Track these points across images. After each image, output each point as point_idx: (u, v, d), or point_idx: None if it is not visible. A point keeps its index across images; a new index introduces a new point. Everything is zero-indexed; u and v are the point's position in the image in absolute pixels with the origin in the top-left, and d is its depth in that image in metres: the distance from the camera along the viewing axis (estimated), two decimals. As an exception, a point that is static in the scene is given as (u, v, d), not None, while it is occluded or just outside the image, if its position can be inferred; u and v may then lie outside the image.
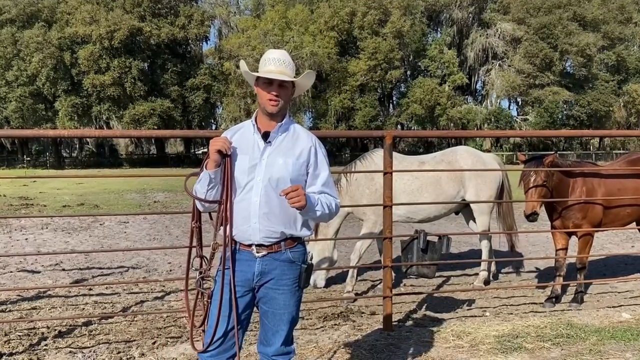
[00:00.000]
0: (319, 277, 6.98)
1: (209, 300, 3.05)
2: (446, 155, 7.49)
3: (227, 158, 2.98)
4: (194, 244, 3.15)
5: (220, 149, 2.94)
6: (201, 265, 3.09)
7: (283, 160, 3.03)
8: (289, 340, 3.15)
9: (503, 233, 7.69)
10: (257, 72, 3.08)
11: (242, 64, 3.18)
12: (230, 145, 3.00)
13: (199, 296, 3.10)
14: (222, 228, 3.03)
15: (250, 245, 3.03)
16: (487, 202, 7.31)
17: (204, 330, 3.11)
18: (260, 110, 3.12)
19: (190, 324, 3.12)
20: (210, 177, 2.96)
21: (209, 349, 3.02)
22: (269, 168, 3.00)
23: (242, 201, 3.01)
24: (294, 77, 3.09)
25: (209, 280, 3.12)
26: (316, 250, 6.94)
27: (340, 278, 7.70)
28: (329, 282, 7.42)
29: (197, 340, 3.12)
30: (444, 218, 7.86)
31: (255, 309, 3.19)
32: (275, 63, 3.04)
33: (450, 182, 7.15)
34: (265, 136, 3.06)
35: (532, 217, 6.05)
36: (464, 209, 7.63)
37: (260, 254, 3.03)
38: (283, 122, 3.10)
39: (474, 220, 7.61)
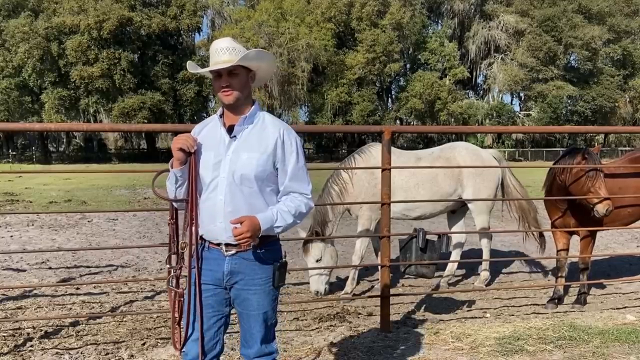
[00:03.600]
0: (319, 282, 6.74)
1: (182, 299, 3.05)
2: (444, 151, 7.46)
3: (191, 156, 2.96)
4: (172, 242, 3.16)
5: (182, 147, 2.92)
6: (177, 263, 3.09)
7: (247, 155, 2.96)
8: (268, 339, 3.11)
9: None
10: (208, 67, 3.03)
11: (191, 64, 3.14)
12: (195, 142, 2.97)
13: (175, 295, 3.10)
14: (189, 227, 3.03)
15: (219, 244, 3.01)
16: (484, 200, 7.29)
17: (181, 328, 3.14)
18: (221, 104, 3.09)
19: (172, 322, 3.13)
20: (176, 176, 2.97)
21: (186, 350, 3.03)
22: (232, 164, 2.96)
23: (208, 200, 3.00)
24: (238, 61, 2.94)
25: (184, 278, 3.13)
26: (316, 252, 6.80)
27: (336, 278, 7.70)
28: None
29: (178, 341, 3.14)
30: (443, 216, 7.86)
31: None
32: (220, 53, 2.96)
33: (447, 179, 7.14)
34: (230, 130, 3.03)
35: (609, 212, 6.01)
36: (460, 207, 7.62)
37: (229, 253, 3.00)
38: (248, 113, 3.03)
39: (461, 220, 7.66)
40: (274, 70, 3.35)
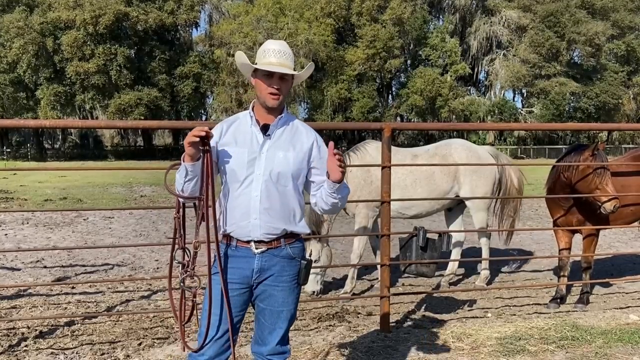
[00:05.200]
0: (314, 282, 6.74)
1: (194, 300, 3.07)
2: (440, 148, 7.46)
3: (207, 153, 2.92)
4: (178, 237, 3.10)
5: (190, 140, 2.82)
6: (184, 258, 3.06)
7: (283, 154, 3.05)
8: (285, 340, 3.18)
9: (505, 230, 7.69)
10: (254, 62, 3.07)
11: (241, 55, 3.15)
12: (208, 134, 2.86)
13: (184, 295, 3.09)
14: (210, 225, 3.01)
15: (248, 242, 3.05)
16: (482, 198, 7.28)
17: (195, 330, 3.12)
18: (258, 102, 3.11)
19: (180, 322, 3.12)
20: (187, 170, 2.94)
21: (202, 351, 3.03)
22: (269, 162, 3.02)
23: (241, 196, 3.02)
24: (295, 69, 3.09)
25: (194, 277, 3.10)
26: (313, 252, 6.78)
27: (332, 278, 7.71)
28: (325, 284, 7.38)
29: (188, 340, 3.12)
30: (443, 214, 7.86)
31: (249, 308, 3.21)
32: (276, 55, 3.03)
33: (444, 177, 7.13)
34: (265, 129, 3.07)
35: (615, 209, 6.02)
36: (456, 205, 7.62)
37: (259, 250, 3.05)
38: (283, 115, 3.11)
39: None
40: (306, 78, 3.43)
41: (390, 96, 63.82)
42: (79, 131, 60.00)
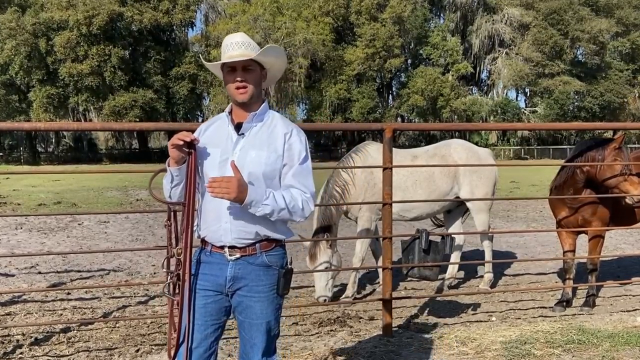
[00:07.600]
0: (327, 289, 6.56)
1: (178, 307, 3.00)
2: (439, 149, 7.48)
3: (190, 156, 2.89)
4: (169, 245, 3.10)
5: (175, 143, 2.83)
6: (176, 267, 3.01)
7: (256, 153, 2.94)
8: (269, 352, 3.06)
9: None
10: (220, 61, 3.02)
11: (204, 61, 3.14)
12: (193, 141, 2.88)
13: (172, 302, 3.05)
14: (188, 231, 2.97)
15: (222, 247, 2.97)
16: (482, 199, 7.29)
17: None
18: (232, 101, 3.07)
19: (170, 330, 3.08)
20: (172, 175, 2.92)
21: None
22: (240, 162, 2.91)
23: (214, 200, 2.90)
24: (256, 55, 2.97)
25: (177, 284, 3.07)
26: (325, 257, 6.58)
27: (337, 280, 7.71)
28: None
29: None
30: (440, 216, 7.87)
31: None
32: (235, 47, 2.96)
33: (443, 177, 7.14)
34: (239, 127, 3.02)
35: None
36: (456, 207, 7.62)
37: (233, 257, 2.96)
38: (258, 111, 3.03)
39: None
40: (284, 69, 3.34)
41: (390, 96, 63.89)
42: (72, 134, 59.93)
